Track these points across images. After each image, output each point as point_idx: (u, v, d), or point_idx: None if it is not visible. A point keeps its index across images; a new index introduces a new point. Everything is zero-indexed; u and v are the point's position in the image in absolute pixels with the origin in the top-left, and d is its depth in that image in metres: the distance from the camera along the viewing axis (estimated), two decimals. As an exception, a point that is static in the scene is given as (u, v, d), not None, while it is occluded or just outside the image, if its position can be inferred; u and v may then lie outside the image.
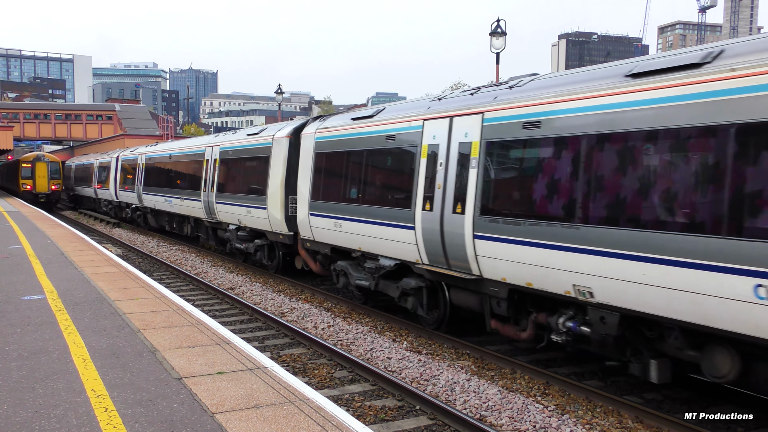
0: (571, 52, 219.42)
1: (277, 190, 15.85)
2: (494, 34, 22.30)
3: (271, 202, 16.13)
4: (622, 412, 7.65)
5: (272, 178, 16.17)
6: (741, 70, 6.30)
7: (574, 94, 8.02)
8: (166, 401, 6.12)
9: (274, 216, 16.02)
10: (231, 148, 19.32)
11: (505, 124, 9.01)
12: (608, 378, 8.85)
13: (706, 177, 6.51)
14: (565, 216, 7.90)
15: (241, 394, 6.36)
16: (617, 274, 7.24)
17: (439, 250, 10.08)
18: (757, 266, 5.94)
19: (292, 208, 15.62)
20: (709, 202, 6.44)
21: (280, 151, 16.00)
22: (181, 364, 7.33)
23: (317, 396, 6.44)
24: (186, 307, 10.62)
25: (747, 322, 6.09)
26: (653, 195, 6.96)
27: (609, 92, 7.55)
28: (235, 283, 16.48)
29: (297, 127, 15.83)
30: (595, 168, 7.59)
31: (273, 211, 16.05)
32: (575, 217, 7.75)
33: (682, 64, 6.91)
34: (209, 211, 20.51)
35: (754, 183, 6.09)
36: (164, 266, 19.22)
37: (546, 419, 7.40)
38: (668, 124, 6.85)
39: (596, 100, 7.68)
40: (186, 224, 23.66)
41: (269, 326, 12.07)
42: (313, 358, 10.00)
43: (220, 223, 20.02)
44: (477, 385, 8.54)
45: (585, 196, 7.68)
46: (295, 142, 15.50)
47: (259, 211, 16.84)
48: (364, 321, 12.39)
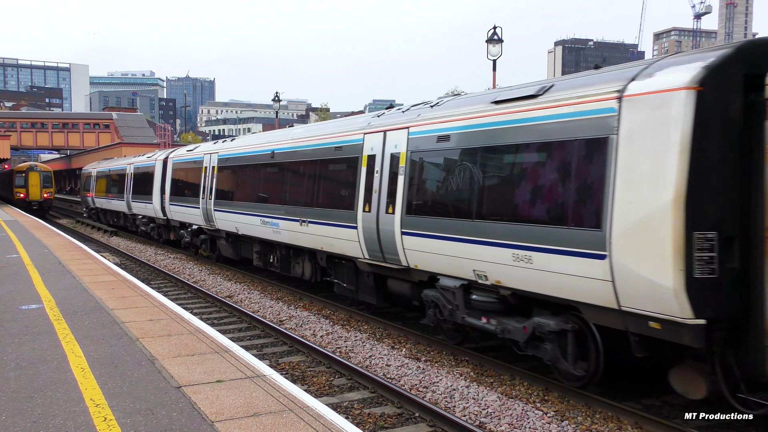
0: (567, 59, 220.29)
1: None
2: (491, 41, 22.38)
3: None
4: (621, 418, 7.65)
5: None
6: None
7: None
8: (165, 410, 6.11)
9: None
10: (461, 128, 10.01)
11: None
12: (607, 384, 8.84)
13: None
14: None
15: (240, 402, 6.35)
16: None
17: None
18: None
19: None
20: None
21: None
22: (180, 372, 7.32)
23: (316, 404, 6.44)
24: (184, 315, 10.61)
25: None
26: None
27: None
28: (233, 291, 16.46)
29: None
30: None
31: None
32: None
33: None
34: (375, 245, 11.73)
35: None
36: (162, 275, 19.19)
37: (545, 426, 7.40)
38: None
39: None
40: (300, 261, 15.39)
41: (268, 334, 12.05)
42: (312, 366, 9.99)
43: (409, 272, 11.15)
44: (476, 392, 8.53)
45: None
46: None
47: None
48: (362, 328, 12.38)
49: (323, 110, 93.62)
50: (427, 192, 10.59)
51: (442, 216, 10.00)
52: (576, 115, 7.75)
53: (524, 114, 8.59)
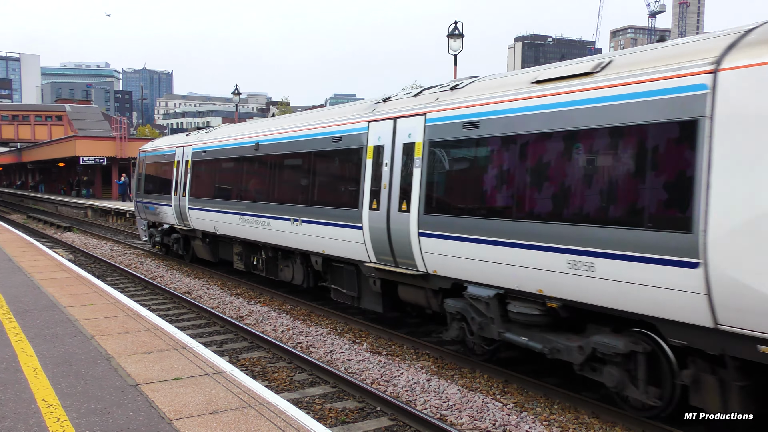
0: (527, 55, 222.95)
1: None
2: (452, 36, 22.50)
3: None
4: (579, 408, 7.80)
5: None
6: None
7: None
8: (121, 409, 5.98)
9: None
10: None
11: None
12: (566, 375, 9.00)
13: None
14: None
15: (199, 400, 6.26)
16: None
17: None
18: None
19: None
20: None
21: None
22: (137, 370, 7.18)
23: (277, 399, 6.39)
24: (142, 312, 10.41)
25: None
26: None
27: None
28: (192, 287, 16.22)
29: None
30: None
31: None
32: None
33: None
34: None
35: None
36: (119, 271, 18.78)
37: (505, 417, 7.49)
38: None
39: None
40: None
41: (228, 330, 11.91)
42: (272, 362, 9.91)
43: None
44: (437, 385, 8.59)
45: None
46: None
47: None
48: (323, 323, 12.34)
49: (284, 104, 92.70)
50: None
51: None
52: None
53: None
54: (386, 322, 12.03)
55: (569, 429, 7.21)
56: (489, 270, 8.39)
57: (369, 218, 10.51)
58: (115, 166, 49.18)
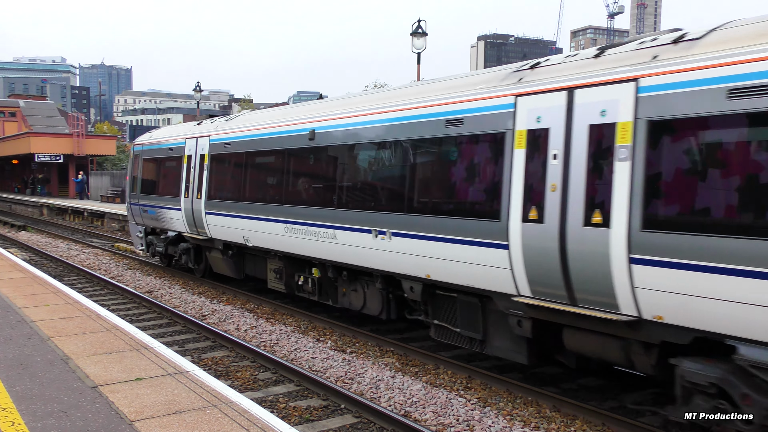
0: (489, 54, 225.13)
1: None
2: (415, 34, 22.59)
3: None
4: (540, 402, 7.93)
5: None
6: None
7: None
8: (80, 411, 5.86)
9: None
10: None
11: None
12: (528, 370, 9.14)
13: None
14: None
15: (161, 400, 6.17)
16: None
17: None
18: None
19: None
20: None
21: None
22: (96, 371, 7.04)
23: (241, 398, 6.34)
24: (101, 312, 10.21)
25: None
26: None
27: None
28: (154, 286, 15.95)
29: None
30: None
31: None
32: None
33: None
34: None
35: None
36: (76, 270, 18.35)
37: (469, 412, 7.57)
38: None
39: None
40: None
41: (190, 329, 11.76)
42: (236, 361, 9.83)
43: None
44: (401, 382, 8.63)
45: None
46: None
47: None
48: (287, 321, 12.27)
49: (246, 101, 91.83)
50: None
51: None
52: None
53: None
54: (350, 320, 12.03)
55: (531, 423, 7.33)
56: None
57: (522, 234, 7.49)
58: (72, 164, 48.05)
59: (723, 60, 5.92)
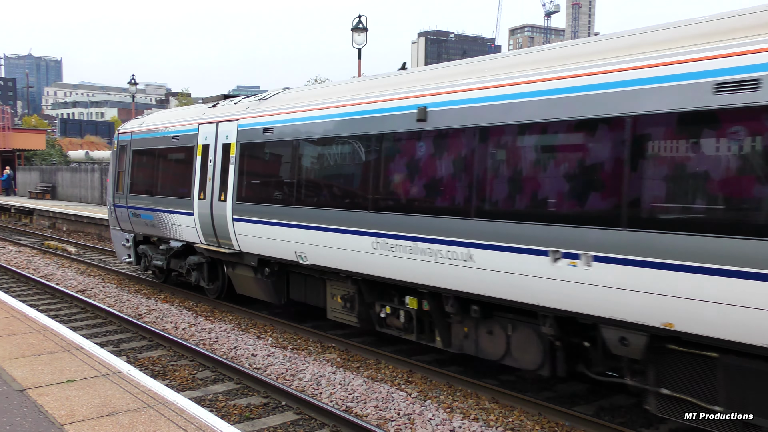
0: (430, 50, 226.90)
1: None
2: (356, 29, 22.56)
3: None
4: (479, 395, 8.08)
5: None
6: None
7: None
8: (6, 416, 5.62)
9: None
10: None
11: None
12: (468, 363, 9.29)
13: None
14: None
15: (94, 402, 5.99)
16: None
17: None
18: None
19: None
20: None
21: None
22: (23, 374, 6.76)
23: (179, 398, 6.22)
24: (29, 312, 9.81)
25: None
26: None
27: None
28: (86, 285, 15.41)
29: None
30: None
31: None
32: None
33: None
34: None
35: None
36: (2, 269, 17.55)
37: (410, 406, 7.64)
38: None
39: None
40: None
41: (125, 329, 11.43)
42: (173, 360, 9.61)
43: None
44: (343, 377, 8.63)
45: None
46: None
47: None
48: (227, 319, 12.08)
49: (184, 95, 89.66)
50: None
51: None
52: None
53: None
54: (291, 316, 11.94)
55: (471, 415, 7.46)
56: None
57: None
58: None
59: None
